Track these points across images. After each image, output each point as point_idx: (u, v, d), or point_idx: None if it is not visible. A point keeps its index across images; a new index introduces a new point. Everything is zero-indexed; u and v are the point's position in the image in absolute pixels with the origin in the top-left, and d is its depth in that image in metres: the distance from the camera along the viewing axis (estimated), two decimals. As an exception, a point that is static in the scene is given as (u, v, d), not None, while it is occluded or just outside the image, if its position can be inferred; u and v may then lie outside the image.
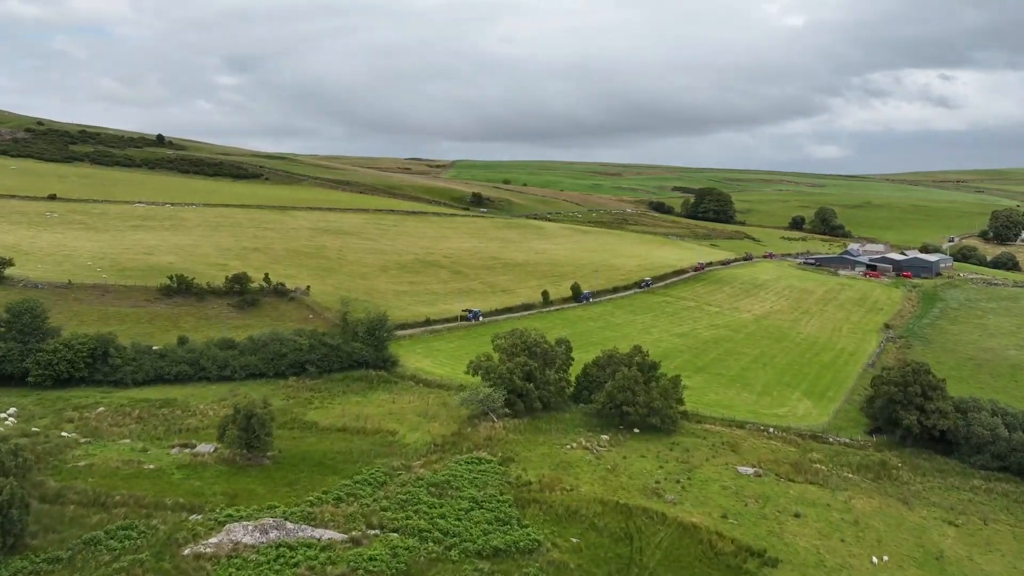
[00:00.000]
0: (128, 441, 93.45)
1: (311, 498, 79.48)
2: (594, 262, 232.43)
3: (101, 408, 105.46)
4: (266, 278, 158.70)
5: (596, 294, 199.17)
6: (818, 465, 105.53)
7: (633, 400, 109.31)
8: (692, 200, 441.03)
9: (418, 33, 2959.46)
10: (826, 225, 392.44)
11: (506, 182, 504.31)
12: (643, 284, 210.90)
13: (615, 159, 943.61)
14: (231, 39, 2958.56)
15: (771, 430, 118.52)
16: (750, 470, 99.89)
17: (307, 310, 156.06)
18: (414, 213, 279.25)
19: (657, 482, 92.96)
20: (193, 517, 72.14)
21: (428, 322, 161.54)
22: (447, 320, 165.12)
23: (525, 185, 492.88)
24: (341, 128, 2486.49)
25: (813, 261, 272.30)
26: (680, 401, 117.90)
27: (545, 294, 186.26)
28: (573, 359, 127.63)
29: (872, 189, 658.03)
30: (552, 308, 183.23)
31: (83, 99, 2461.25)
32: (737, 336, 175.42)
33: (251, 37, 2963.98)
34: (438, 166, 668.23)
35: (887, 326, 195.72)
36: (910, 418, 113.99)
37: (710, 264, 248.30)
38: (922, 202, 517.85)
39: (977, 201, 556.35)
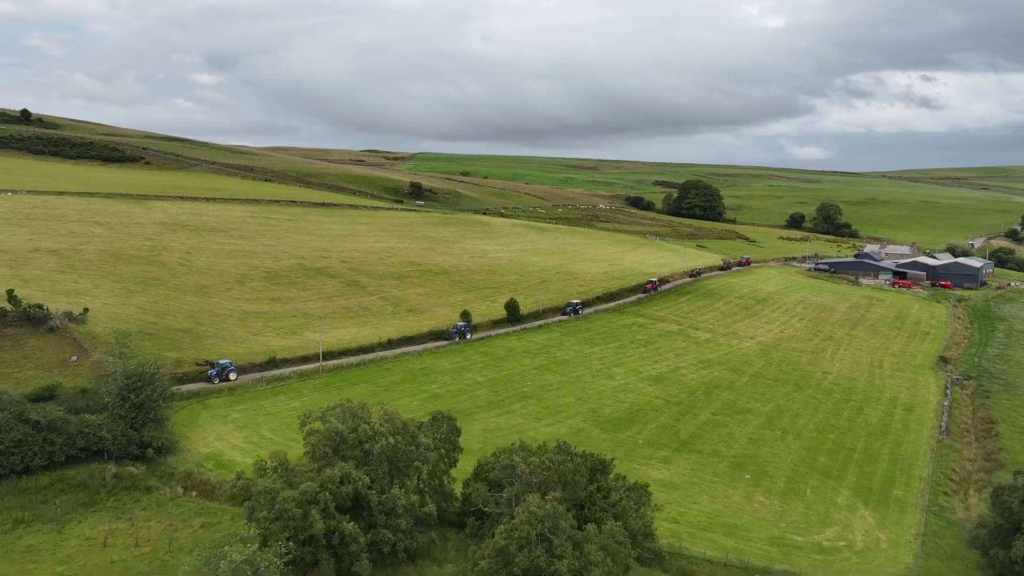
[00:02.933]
0: None
1: None
2: (547, 268, 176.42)
3: None
4: (10, 296, 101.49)
5: (544, 312, 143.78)
6: None
7: (549, 569, 53.42)
8: (675, 195, 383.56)
9: (398, 32, 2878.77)
10: (830, 223, 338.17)
11: (465, 174, 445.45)
12: (568, 310, 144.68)
13: (596, 157, 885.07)
14: (210, 37, 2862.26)
15: (817, 591, 63.58)
16: None
17: (73, 347, 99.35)
18: (324, 205, 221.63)
19: None
20: None
21: (273, 363, 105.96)
22: (307, 359, 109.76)
23: (486, 178, 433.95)
24: (323, 127, 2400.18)
25: (826, 267, 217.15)
26: (648, 536, 63.34)
27: (466, 316, 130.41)
28: (461, 450, 72.21)
29: (873, 185, 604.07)
30: (475, 337, 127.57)
31: (58, 96, 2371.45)
32: (739, 380, 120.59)
33: (230, 35, 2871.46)
34: (396, 158, 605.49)
35: (943, 359, 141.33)
36: (1091, 584, 59.00)
37: (695, 272, 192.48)
38: (932, 198, 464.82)
39: (991, 198, 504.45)
